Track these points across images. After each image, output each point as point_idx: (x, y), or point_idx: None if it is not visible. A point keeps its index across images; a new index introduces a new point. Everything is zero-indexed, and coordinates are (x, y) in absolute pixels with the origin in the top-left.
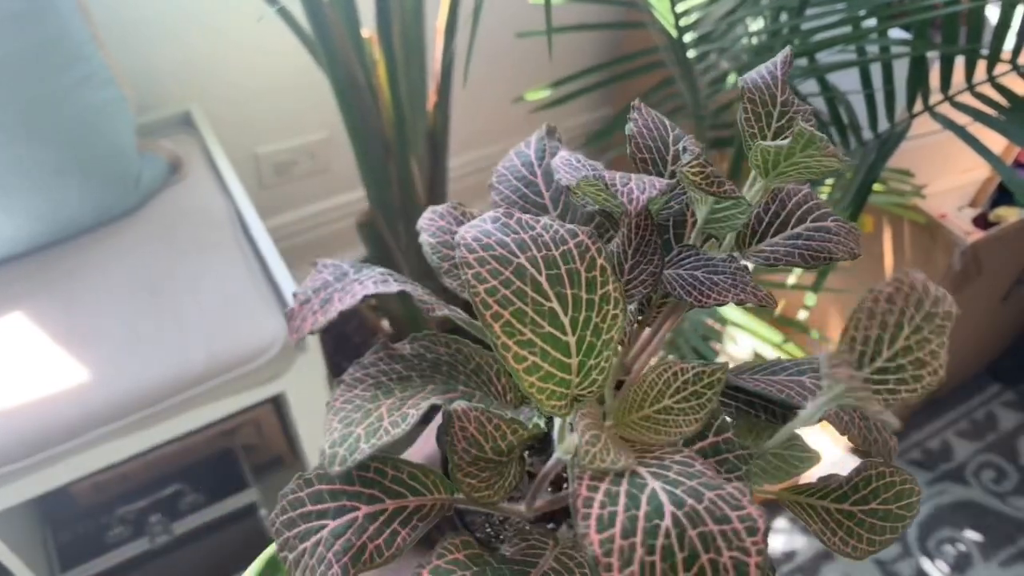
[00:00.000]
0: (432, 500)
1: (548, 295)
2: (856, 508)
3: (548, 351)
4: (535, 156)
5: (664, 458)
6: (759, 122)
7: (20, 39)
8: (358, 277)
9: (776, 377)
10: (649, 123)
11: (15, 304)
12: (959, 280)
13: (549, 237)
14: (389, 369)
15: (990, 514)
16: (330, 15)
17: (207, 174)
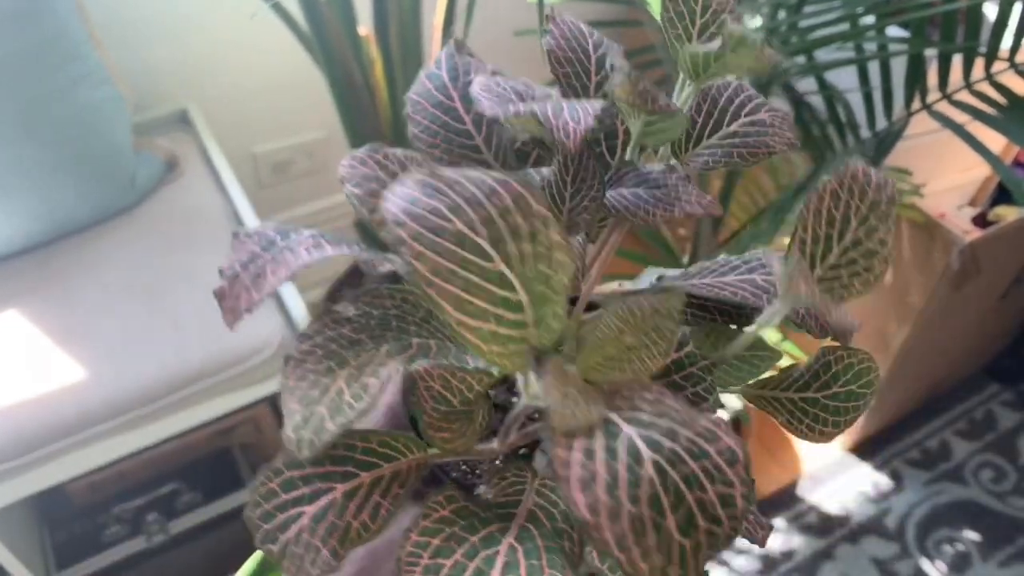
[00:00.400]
0: (407, 463)
1: (492, 258)
2: (819, 394)
3: (503, 315)
4: (448, 77)
5: (633, 398)
6: (682, 21)
7: (18, 38)
8: (287, 243)
9: (727, 278)
10: (567, 33)
11: (11, 302)
12: (958, 279)
13: (482, 193)
14: (337, 335)
15: (989, 514)
16: (327, 13)
17: (204, 173)
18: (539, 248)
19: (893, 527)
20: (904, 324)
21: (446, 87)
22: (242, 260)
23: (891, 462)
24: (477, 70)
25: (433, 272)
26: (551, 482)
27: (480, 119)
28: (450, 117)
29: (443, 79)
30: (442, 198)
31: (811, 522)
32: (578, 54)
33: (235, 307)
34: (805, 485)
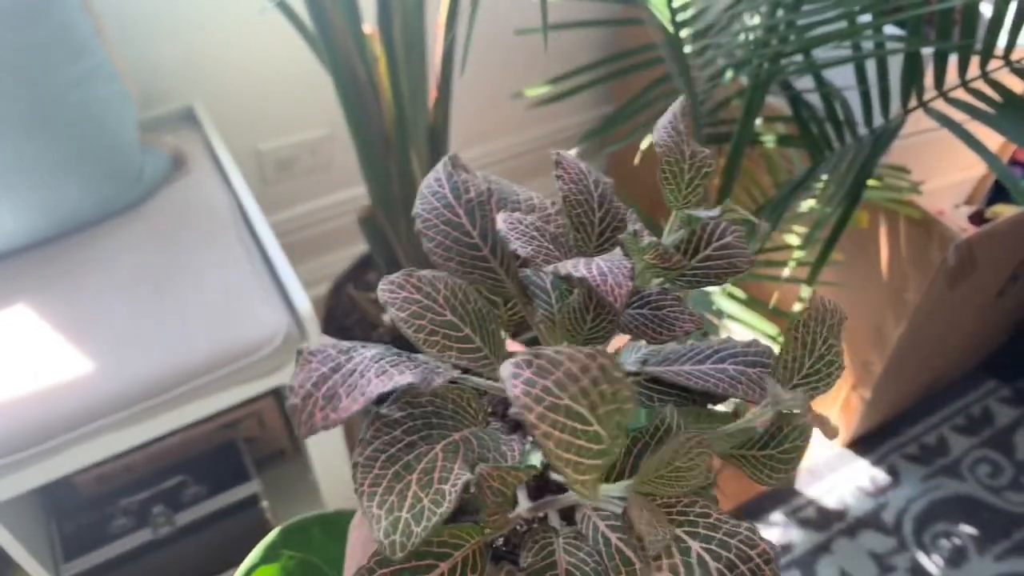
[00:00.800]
0: (471, 547)
1: (590, 421)
2: (775, 451)
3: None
4: (452, 195)
5: (689, 512)
6: (676, 179)
7: (24, 33)
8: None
9: (704, 367)
10: (575, 176)
11: (19, 297)
12: (954, 276)
13: (577, 368)
14: (391, 439)
15: (985, 508)
16: (331, 11)
17: (210, 169)
18: (618, 404)
19: (890, 521)
20: (901, 320)
21: (452, 206)
22: (312, 380)
23: (889, 457)
24: (476, 187)
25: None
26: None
27: (485, 232)
28: (460, 232)
29: (448, 198)
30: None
31: (809, 516)
32: (585, 196)
33: (311, 422)
34: (803, 480)
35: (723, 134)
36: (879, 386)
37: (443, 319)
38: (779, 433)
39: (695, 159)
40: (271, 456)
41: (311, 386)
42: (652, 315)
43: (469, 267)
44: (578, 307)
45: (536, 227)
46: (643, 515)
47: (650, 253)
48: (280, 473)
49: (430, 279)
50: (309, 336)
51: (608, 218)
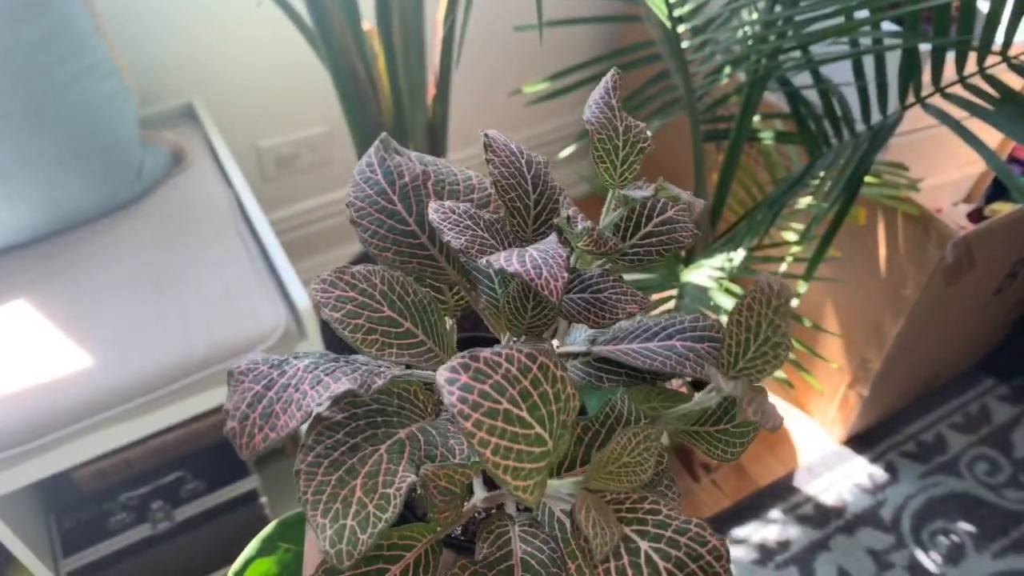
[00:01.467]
0: (423, 546)
1: (531, 423)
2: (728, 426)
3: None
4: (385, 182)
5: (637, 509)
6: (609, 156)
7: (25, 30)
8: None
9: (652, 344)
10: (505, 159)
11: (19, 292)
12: (951, 273)
13: (516, 369)
14: (334, 443)
15: (983, 506)
16: (331, 8)
17: (209, 166)
18: (560, 404)
19: (888, 519)
20: (899, 317)
21: (386, 192)
22: (247, 400)
23: (887, 455)
24: (410, 171)
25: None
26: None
27: (422, 219)
28: (395, 221)
29: (381, 184)
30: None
31: (807, 513)
32: (518, 179)
33: (251, 444)
34: (802, 477)
35: (721, 131)
36: (877, 384)
37: (381, 315)
38: (732, 408)
39: (629, 134)
40: (270, 452)
41: (246, 407)
42: (593, 299)
43: (407, 256)
44: (517, 296)
45: (470, 215)
46: (590, 516)
47: (584, 240)
48: (279, 469)
49: (364, 274)
50: (307, 332)
51: (544, 200)
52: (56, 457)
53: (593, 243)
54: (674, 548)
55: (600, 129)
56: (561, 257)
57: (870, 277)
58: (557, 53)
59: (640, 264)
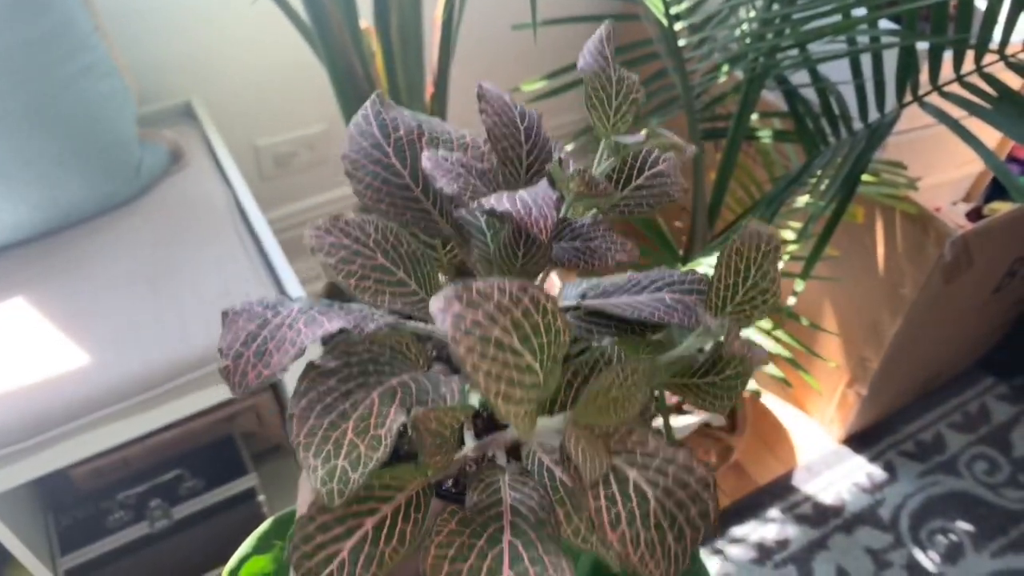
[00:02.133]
0: (414, 488)
1: (521, 352)
2: (716, 378)
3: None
4: (380, 135)
5: (626, 442)
6: (602, 105)
7: (24, 28)
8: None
9: (640, 297)
10: (499, 109)
11: (18, 290)
12: (950, 271)
13: (508, 300)
14: (327, 389)
15: (982, 505)
16: (328, 6)
17: (208, 164)
18: (551, 337)
19: (887, 518)
20: (897, 316)
21: (380, 145)
22: (240, 339)
23: (885, 454)
24: (405, 124)
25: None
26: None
27: (416, 172)
28: (389, 173)
29: (376, 137)
30: (482, 310)
31: (806, 512)
32: (510, 128)
33: (244, 382)
34: (800, 476)
35: (719, 129)
36: (876, 383)
37: (374, 263)
38: (720, 360)
39: (622, 84)
40: (268, 450)
41: (240, 346)
42: (583, 247)
43: (401, 209)
44: (508, 242)
45: (463, 164)
46: (580, 445)
47: (576, 181)
48: (277, 467)
49: (359, 223)
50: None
51: (536, 151)
52: (53, 455)
53: (585, 185)
54: (662, 476)
55: (594, 78)
56: (551, 198)
57: (868, 276)
58: (554, 52)
59: (631, 214)
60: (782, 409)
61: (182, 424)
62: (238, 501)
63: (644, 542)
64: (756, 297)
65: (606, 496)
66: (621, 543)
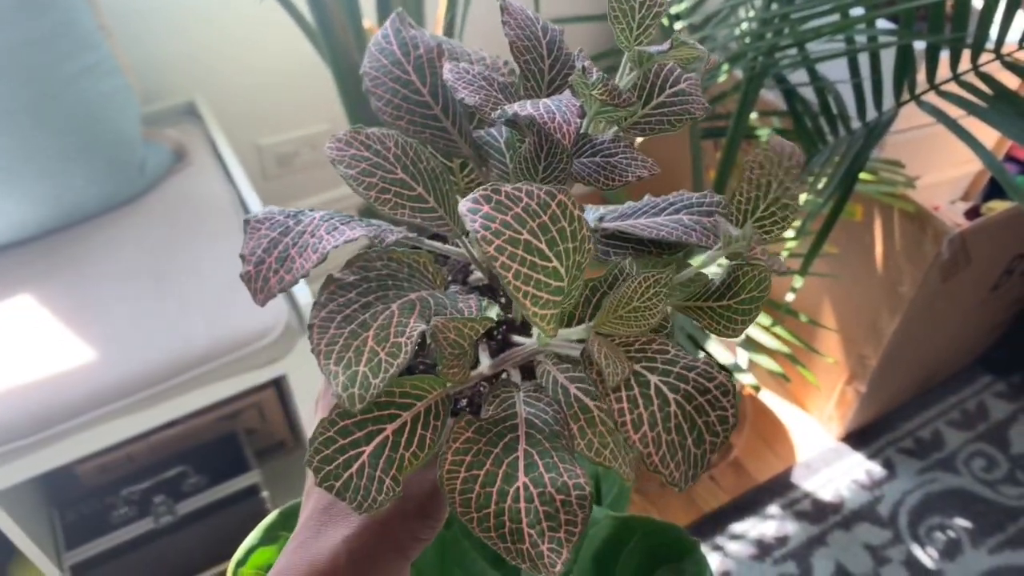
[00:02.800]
0: (433, 398)
1: (549, 256)
2: (731, 301)
3: (552, 289)
4: (400, 53)
5: (646, 349)
6: (625, 18)
7: (29, 27)
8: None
9: (659, 219)
10: (522, 23)
11: (23, 287)
12: (947, 269)
13: (536, 204)
14: (347, 301)
15: (980, 502)
16: (332, 7)
17: (211, 162)
18: (576, 243)
19: (886, 514)
20: (895, 314)
21: (400, 62)
22: (263, 246)
23: (885, 451)
24: (425, 43)
25: (515, 276)
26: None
27: (436, 90)
28: (409, 91)
29: (396, 55)
30: (511, 212)
31: (805, 509)
32: (533, 42)
33: (266, 288)
34: (799, 472)
35: (719, 128)
36: (874, 380)
37: (394, 177)
38: (735, 284)
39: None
40: (271, 447)
41: (262, 252)
42: (604, 162)
43: (420, 126)
44: (529, 155)
45: (484, 76)
46: (602, 351)
47: (598, 89)
48: (280, 464)
49: (379, 136)
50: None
51: (558, 65)
52: (59, 451)
53: (607, 93)
54: (683, 382)
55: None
56: (574, 105)
57: (867, 274)
58: None
59: (652, 132)
60: (781, 406)
61: (186, 421)
62: (241, 497)
63: (666, 443)
64: (776, 212)
65: (628, 399)
66: (643, 443)
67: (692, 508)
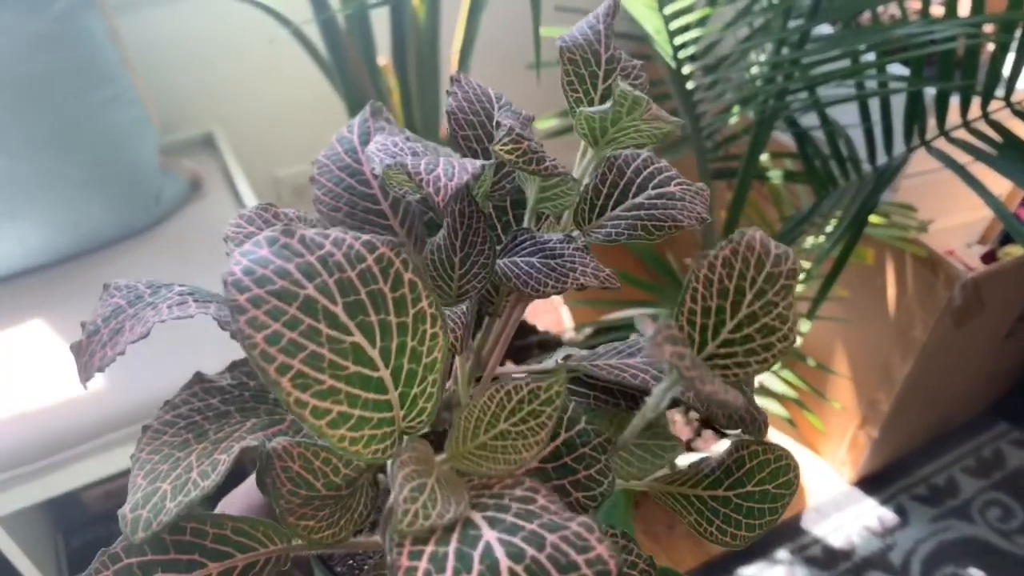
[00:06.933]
0: (265, 553)
1: (348, 328)
2: (731, 493)
3: (357, 395)
4: (359, 142)
5: (504, 495)
6: (583, 84)
7: (53, 58)
8: (153, 300)
9: (632, 360)
10: (471, 96)
11: (37, 312)
12: (960, 314)
13: (342, 255)
14: (204, 406)
15: (995, 552)
16: (347, 43)
17: (226, 194)
18: (404, 320)
19: (898, 563)
20: (907, 358)
21: (355, 150)
22: (104, 315)
23: (897, 497)
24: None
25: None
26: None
27: (387, 188)
28: (356, 180)
29: (353, 143)
30: (297, 260)
31: (815, 555)
32: (480, 117)
33: (89, 364)
34: (810, 517)
35: (731, 169)
36: (887, 425)
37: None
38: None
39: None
40: None
41: (101, 321)
42: (543, 264)
43: (360, 220)
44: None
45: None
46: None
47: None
48: None
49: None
50: None
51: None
52: (66, 477)
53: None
54: (532, 546)
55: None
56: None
57: (879, 318)
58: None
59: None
60: (792, 449)
61: None
62: None
63: None
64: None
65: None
66: None
67: (700, 551)
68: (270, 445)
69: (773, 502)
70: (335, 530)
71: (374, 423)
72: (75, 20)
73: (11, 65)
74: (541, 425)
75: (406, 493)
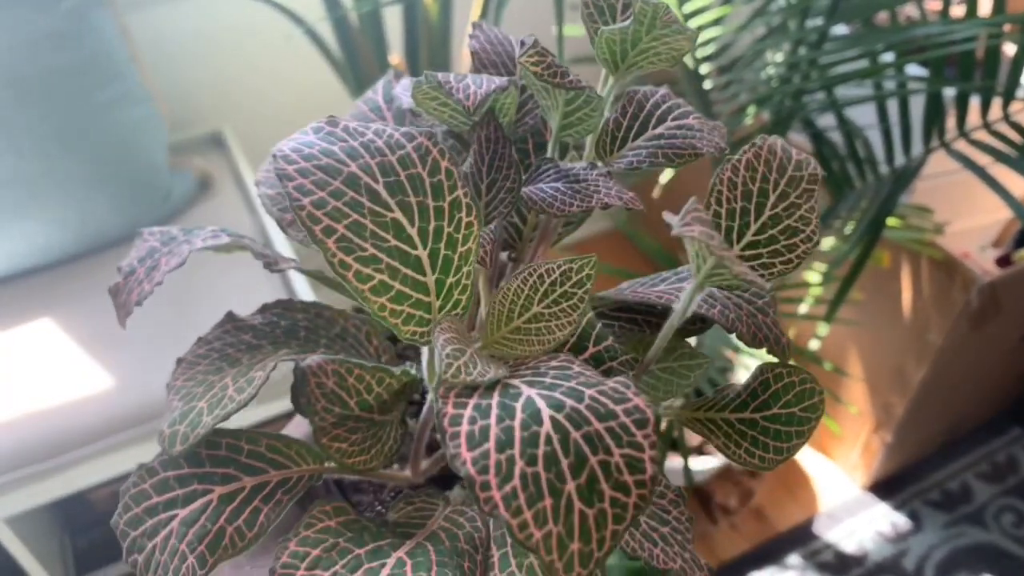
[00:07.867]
0: (298, 471)
1: (389, 205)
2: (757, 415)
3: (397, 268)
4: (383, 100)
5: (539, 366)
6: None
7: (62, 56)
8: (188, 238)
9: (657, 288)
10: (492, 39)
11: (44, 311)
12: (976, 318)
13: (383, 142)
14: (236, 341)
15: (1009, 558)
16: (359, 41)
17: (236, 193)
18: (441, 204)
19: (911, 568)
20: (923, 362)
21: (380, 109)
22: (140, 256)
23: (910, 502)
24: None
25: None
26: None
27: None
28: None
29: (378, 103)
30: (341, 143)
31: (827, 560)
32: (502, 58)
33: (127, 302)
34: (822, 522)
35: None
36: (901, 429)
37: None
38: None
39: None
40: None
41: (137, 261)
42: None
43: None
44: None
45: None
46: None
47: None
48: None
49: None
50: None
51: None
52: (74, 476)
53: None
54: (572, 398)
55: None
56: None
57: (894, 321)
58: None
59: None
60: (805, 452)
61: None
62: None
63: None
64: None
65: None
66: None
67: (711, 556)
68: (305, 363)
69: (800, 425)
70: (366, 457)
71: (413, 302)
72: (84, 17)
73: (19, 62)
74: (574, 307)
75: (449, 350)
